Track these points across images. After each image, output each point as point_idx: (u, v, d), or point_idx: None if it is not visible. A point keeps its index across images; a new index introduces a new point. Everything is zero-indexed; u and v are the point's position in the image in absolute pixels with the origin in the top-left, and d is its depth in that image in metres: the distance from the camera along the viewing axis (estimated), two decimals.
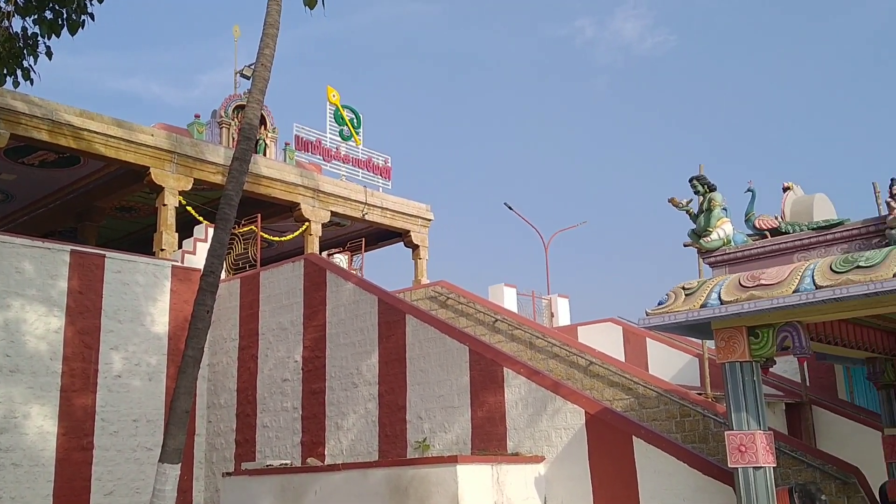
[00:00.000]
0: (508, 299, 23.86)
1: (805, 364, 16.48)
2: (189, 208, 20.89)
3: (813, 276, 9.03)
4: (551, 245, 34.54)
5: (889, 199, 9.08)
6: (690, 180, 11.07)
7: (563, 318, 25.94)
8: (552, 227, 42.37)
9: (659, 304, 10.45)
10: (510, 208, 33.27)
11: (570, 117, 77.72)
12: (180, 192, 20.33)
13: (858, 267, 8.70)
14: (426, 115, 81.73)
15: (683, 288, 10.38)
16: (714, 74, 75.36)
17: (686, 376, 18.63)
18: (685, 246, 11.19)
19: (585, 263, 67.19)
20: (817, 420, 16.20)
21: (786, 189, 11.51)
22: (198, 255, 19.41)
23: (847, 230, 9.55)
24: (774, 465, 9.88)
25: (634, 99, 76.59)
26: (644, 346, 20.62)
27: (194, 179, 20.59)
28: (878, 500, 11.38)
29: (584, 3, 79.43)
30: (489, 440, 13.60)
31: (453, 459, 11.93)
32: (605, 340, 20.54)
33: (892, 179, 9.11)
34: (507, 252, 68.12)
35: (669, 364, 19.56)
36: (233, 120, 22.57)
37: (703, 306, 9.85)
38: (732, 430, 9.84)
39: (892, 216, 9.01)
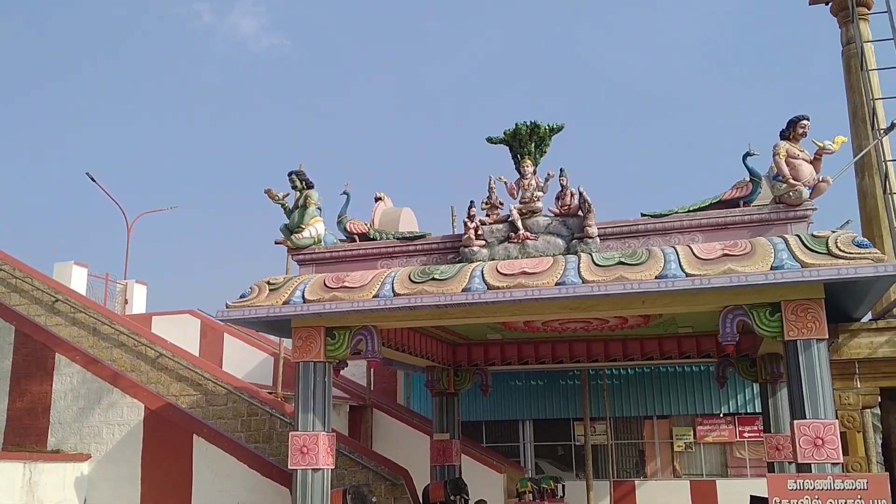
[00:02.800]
0: (77, 280, 21.40)
1: (372, 368, 17.28)
2: None
3: (393, 284, 9.30)
4: (136, 227, 32.12)
5: (466, 220, 9.74)
6: (289, 175, 10.83)
7: (139, 305, 24.09)
8: (140, 208, 39.33)
9: (241, 297, 9.97)
10: (93, 180, 30.20)
11: (176, 99, 73.95)
12: None
13: (433, 279, 9.16)
14: (14, 63, 71.36)
15: (268, 283, 10.05)
16: (324, 84, 77.76)
17: (261, 375, 18.41)
18: (276, 243, 10.89)
19: (172, 251, 63.99)
20: (376, 423, 17.04)
21: (378, 199, 11.90)
22: None
23: (428, 243, 10.04)
24: (333, 468, 9.96)
25: (244, 95, 75.56)
26: (221, 342, 19.95)
27: None
28: (421, 501, 12.17)
29: None
30: (27, 435, 11.86)
31: None
32: (182, 333, 19.44)
33: (471, 202, 9.81)
34: (83, 228, 61.91)
35: (245, 361, 19.16)
36: None
37: (285, 303, 9.60)
38: (297, 430, 9.71)
39: (466, 235, 9.67)
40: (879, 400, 9.28)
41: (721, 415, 17.06)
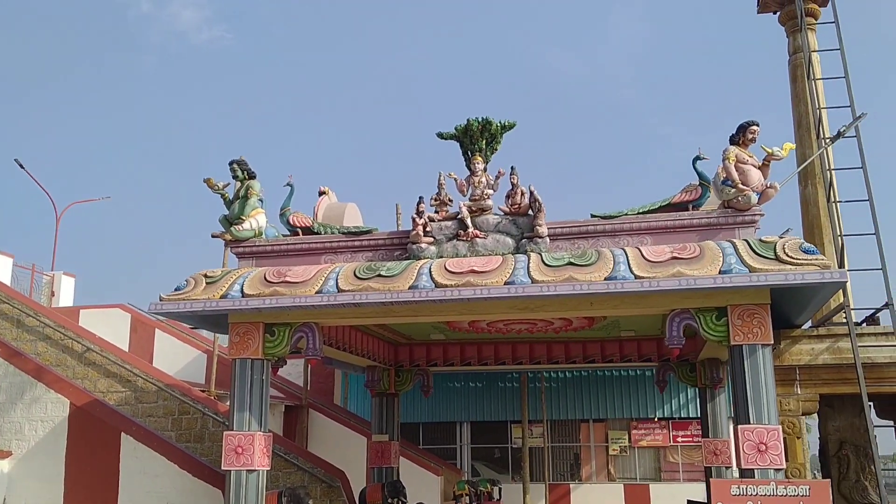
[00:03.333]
0: (1, 270, 20.53)
1: (310, 367, 16.90)
2: None
3: (337, 280, 9.02)
4: (66, 217, 30.92)
5: (414, 216, 9.51)
6: (230, 164, 10.42)
7: (66, 298, 23.19)
8: (71, 198, 37.74)
9: (176, 290, 9.54)
10: (21, 167, 28.96)
11: (112, 87, 71.85)
12: None
13: (380, 276, 8.90)
14: None
15: (205, 275, 9.64)
16: (265, 77, 76.60)
17: (193, 372, 17.81)
18: (214, 236, 10.45)
19: (104, 243, 62.06)
20: (312, 423, 16.66)
21: (322, 193, 11.59)
22: None
23: (374, 239, 9.78)
24: (268, 469, 9.61)
25: (183, 85, 73.90)
26: (153, 337, 19.24)
27: None
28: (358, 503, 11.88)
29: None
30: None
31: None
32: (111, 327, 18.69)
33: (419, 197, 9.59)
34: (9, 217, 59.62)
35: (178, 358, 18.52)
36: None
37: (223, 297, 9.22)
38: (233, 430, 9.33)
39: (414, 231, 9.43)
40: (818, 407, 9.38)
41: (656, 419, 17.20)
